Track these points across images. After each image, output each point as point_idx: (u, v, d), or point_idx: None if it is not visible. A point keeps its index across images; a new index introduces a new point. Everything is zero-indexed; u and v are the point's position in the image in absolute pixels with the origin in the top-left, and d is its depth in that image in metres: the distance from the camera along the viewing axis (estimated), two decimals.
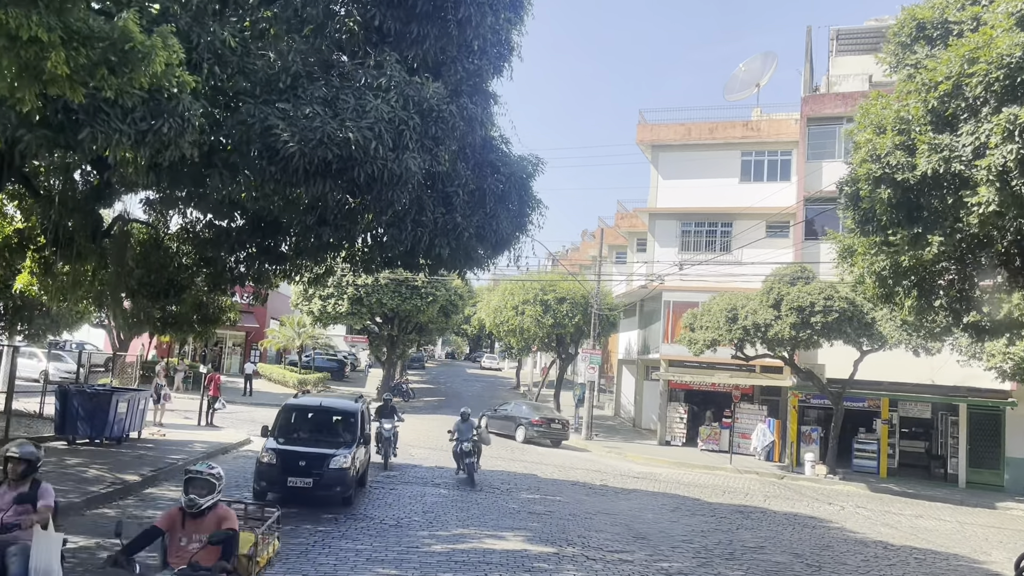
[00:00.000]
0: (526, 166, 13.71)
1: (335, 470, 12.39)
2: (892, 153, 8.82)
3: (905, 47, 10.07)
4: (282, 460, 12.40)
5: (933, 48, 9.54)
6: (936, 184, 8.65)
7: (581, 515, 14.53)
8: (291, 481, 12.20)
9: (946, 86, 8.55)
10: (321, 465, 12.37)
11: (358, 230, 12.24)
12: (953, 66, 8.38)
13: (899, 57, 10.10)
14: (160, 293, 16.12)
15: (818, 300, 22.29)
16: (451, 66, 10.40)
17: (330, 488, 12.37)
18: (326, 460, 12.43)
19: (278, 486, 12.29)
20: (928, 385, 25.38)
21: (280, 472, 12.25)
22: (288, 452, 12.58)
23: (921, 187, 8.76)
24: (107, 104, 7.11)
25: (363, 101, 8.88)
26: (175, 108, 7.48)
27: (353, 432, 13.63)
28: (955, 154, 8.27)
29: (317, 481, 12.22)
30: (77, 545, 9.59)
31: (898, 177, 8.77)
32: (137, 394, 18.44)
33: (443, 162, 9.86)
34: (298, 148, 8.31)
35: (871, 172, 9.09)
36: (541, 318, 33.82)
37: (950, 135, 8.49)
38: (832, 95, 29.10)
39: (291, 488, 12.17)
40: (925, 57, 9.40)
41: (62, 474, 13.46)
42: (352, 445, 13.16)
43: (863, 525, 16.62)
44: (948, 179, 8.47)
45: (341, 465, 12.47)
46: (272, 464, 12.38)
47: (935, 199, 8.85)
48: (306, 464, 12.36)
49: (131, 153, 7.79)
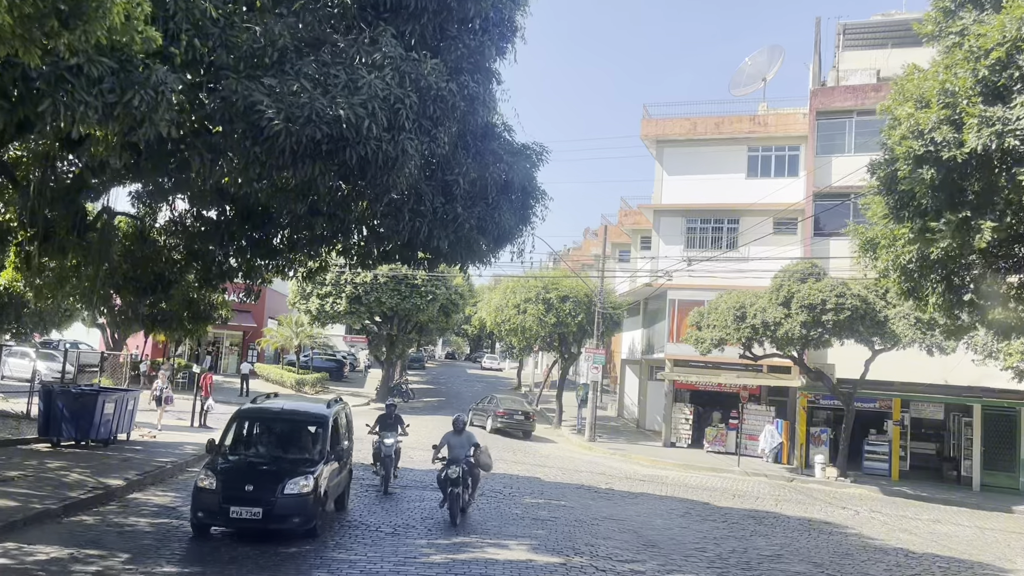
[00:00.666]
0: (530, 155, 13.04)
1: (291, 496, 9.91)
2: (938, 128, 8.09)
3: (949, 13, 9.28)
4: (224, 483, 9.92)
5: (982, 13, 8.82)
6: (985, 162, 7.92)
7: (588, 521, 13.85)
8: (234, 511, 9.72)
9: (999, 53, 7.78)
10: (273, 489, 9.90)
11: (352, 219, 11.58)
12: (1008, 31, 7.65)
13: (941, 25, 9.37)
14: (147, 288, 15.43)
15: (829, 298, 21.62)
16: (451, 43, 9.74)
17: (284, 519, 9.93)
18: (280, 483, 9.95)
19: (220, 517, 9.88)
20: (941, 385, 24.70)
21: (221, 499, 9.78)
22: (231, 472, 10.17)
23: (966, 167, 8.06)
24: (71, 73, 6.45)
25: (356, 76, 8.21)
26: (147, 79, 6.82)
27: (321, 445, 11.11)
28: (1009, 128, 7.54)
29: (268, 511, 9.75)
30: (48, 557, 8.94)
31: (944, 155, 8.02)
32: (125, 394, 17.79)
33: (442, 145, 9.19)
34: (284, 126, 7.64)
35: (911, 150, 8.36)
36: (543, 317, 33.12)
37: (1003, 108, 7.78)
38: (842, 88, 28.42)
39: (235, 519, 9.82)
40: (973, 23, 8.66)
41: (41, 478, 12.80)
42: (319, 462, 10.70)
43: (880, 531, 15.95)
44: (1000, 156, 7.77)
45: (300, 490, 9.97)
46: (211, 489, 9.87)
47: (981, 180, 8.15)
48: (254, 488, 9.86)
49: (101, 131, 7.12)
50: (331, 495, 11.46)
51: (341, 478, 12.22)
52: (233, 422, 11.49)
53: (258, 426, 11.79)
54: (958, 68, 8.11)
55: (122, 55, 6.89)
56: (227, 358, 46.20)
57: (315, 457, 10.89)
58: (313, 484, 10.11)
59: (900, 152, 8.56)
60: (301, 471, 10.26)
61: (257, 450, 11.32)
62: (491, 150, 12.14)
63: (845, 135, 28.07)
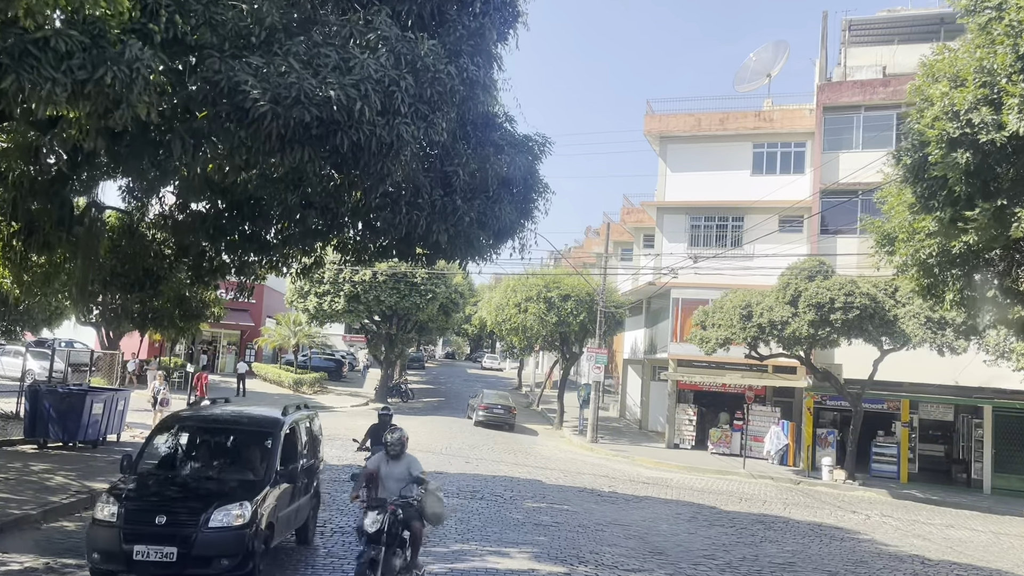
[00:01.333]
0: (532, 147, 12.50)
1: (218, 530, 7.62)
2: (975, 109, 7.57)
3: None
4: (128, 514, 7.58)
5: None
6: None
7: (591, 527, 13.36)
8: (138, 551, 7.39)
9: None
10: (194, 521, 7.60)
11: (346, 212, 11.06)
12: None
13: None
14: (134, 284, 14.91)
15: (838, 296, 21.11)
16: (449, 26, 9.23)
17: (207, 561, 7.60)
18: (204, 512, 7.67)
19: (119, 559, 7.49)
20: (951, 386, 24.19)
21: (123, 537, 7.45)
22: (140, 499, 7.85)
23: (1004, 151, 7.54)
24: (37, 47, 5.95)
25: (347, 56, 7.71)
26: (121, 55, 6.32)
27: (269, 461, 8.72)
28: None
29: (185, 551, 7.47)
30: (23, 567, 8.44)
31: (981, 138, 7.50)
32: (115, 394, 17.31)
33: (440, 132, 8.69)
34: (270, 108, 7.13)
35: (945, 133, 7.83)
36: (545, 316, 32.61)
37: None
38: (850, 83, 27.91)
39: (141, 563, 7.43)
40: None
41: (23, 481, 12.32)
42: (265, 484, 8.38)
43: (894, 536, 15.45)
44: None
45: (231, 520, 7.68)
46: (109, 523, 7.56)
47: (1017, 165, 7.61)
48: (168, 521, 7.59)
49: (74, 112, 6.62)
50: (284, 526, 9.09)
51: (301, 504, 9.65)
52: (157, 433, 9.47)
53: (190, 438, 9.49)
54: (997, 44, 7.59)
55: (94, 29, 6.40)
56: (224, 357, 45.69)
57: (260, 477, 8.55)
58: (251, 513, 7.82)
59: (932, 135, 8.03)
60: (236, 496, 7.97)
61: (185, 469, 9.06)
62: (492, 140, 11.61)
63: (853, 131, 27.59)
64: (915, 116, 9.13)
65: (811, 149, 28.80)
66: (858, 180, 24.07)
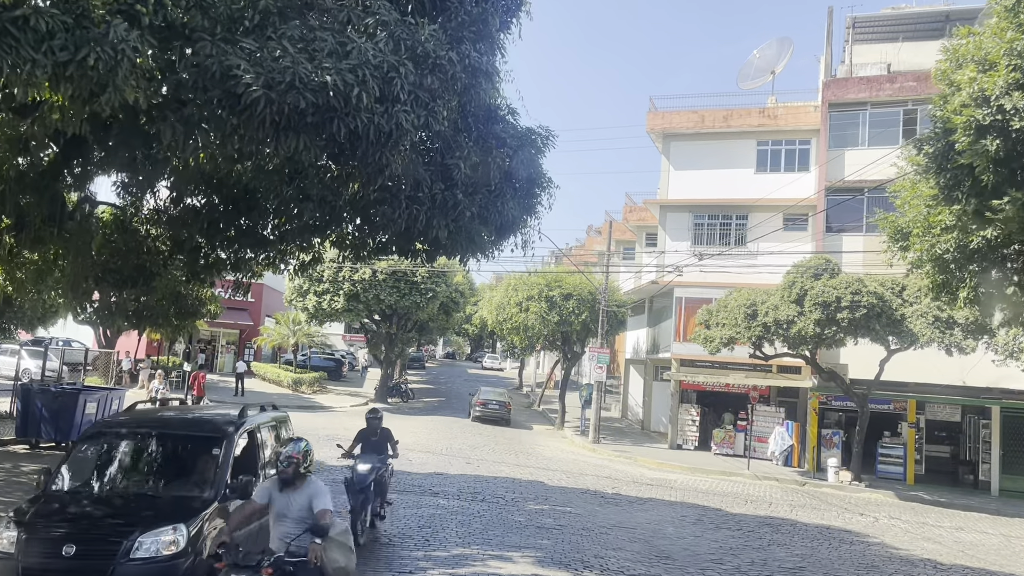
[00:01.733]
0: (535, 140, 12.16)
1: (143, 563, 6.30)
2: (1007, 94, 7.23)
3: None
4: (29, 543, 6.32)
5: None
6: None
7: (595, 529, 13.03)
8: None
9: None
10: (112, 551, 6.29)
11: (344, 205, 10.73)
12: None
13: None
14: (127, 280, 14.58)
15: (844, 295, 20.76)
16: (451, 12, 8.91)
17: None
18: (123, 541, 6.34)
19: None
20: (958, 386, 23.85)
21: (21, 572, 6.21)
22: (46, 523, 6.53)
23: None
24: (15, 25, 5.64)
25: (344, 40, 7.39)
26: (104, 37, 6.00)
27: (218, 475, 7.34)
28: None
29: None
30: None
31: (1014, 124, 7.17)
32: (109, 393, 17.01)
33: (441, 121, 8.37)
34: (263, 93, 6.81)
35: (973, 119, 7.51)
36: (546, 315, 32.28)
37: None
38: (856, 79, 27.55)
39: None
40: None
41: (12, 482, 12.02)
42: (211, 503, 7.06)
43: (903, 540, 15.11)
44: None
45: (160, 549, 6.38)
46: (7, 555, 6.30)
47: None
48: (78, 552, 6.25)
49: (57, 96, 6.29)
50: None
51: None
52: (83, 442, 7.96)
53: (122, 447, 7.86)
54: None
55: (77, 8, 6.09)
56: (223, 356, 45.38)
57: (204, 494, 7.16)
58: (186, 539, 6.48)
59: (959, 122, 7.70)
60: (169, 517, 6.64)
61: (114, 485, 7.53)
62: (494, 133, 11.27)
63: (859, 127, 27.24)
64: (938, 102, 8.81)
65: (816, 146, 28.48)
66: (864, 177, 23.76)
